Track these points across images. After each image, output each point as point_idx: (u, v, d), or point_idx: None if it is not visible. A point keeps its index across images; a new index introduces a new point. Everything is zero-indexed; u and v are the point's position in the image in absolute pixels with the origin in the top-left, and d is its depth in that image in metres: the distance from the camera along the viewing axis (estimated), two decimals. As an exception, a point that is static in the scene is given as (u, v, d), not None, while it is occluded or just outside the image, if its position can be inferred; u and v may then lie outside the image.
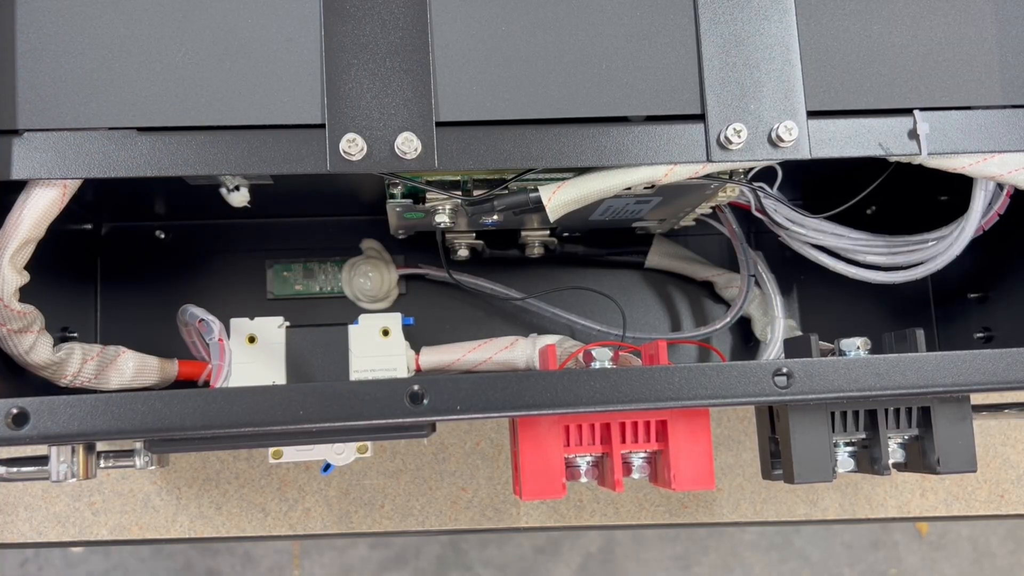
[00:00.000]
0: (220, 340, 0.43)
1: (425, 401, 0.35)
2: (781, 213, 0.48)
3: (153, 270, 0.56)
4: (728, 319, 0.53)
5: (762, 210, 0.48)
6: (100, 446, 0.43)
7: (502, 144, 0.39)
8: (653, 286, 0.59)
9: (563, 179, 0.42)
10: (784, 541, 1.26)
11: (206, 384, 0.48)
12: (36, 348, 0.41)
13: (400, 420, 0.35)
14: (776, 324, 0.52)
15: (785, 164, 0.43)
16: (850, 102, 0.40)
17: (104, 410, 0.34)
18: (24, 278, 0.39)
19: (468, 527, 0.60)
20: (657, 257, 0.57)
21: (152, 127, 0.38)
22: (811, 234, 0.49)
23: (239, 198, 0.46)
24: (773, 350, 0.52)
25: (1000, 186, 0.46)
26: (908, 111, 0.40)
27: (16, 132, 0.37)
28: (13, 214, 0.38)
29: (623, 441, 0.41)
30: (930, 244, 0.48)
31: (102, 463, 0.43)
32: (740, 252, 0.52)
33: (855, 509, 0.62)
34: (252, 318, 0.47)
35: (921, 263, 0.48)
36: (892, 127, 0.40)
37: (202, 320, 0.43)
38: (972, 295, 0.54)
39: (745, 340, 0.58)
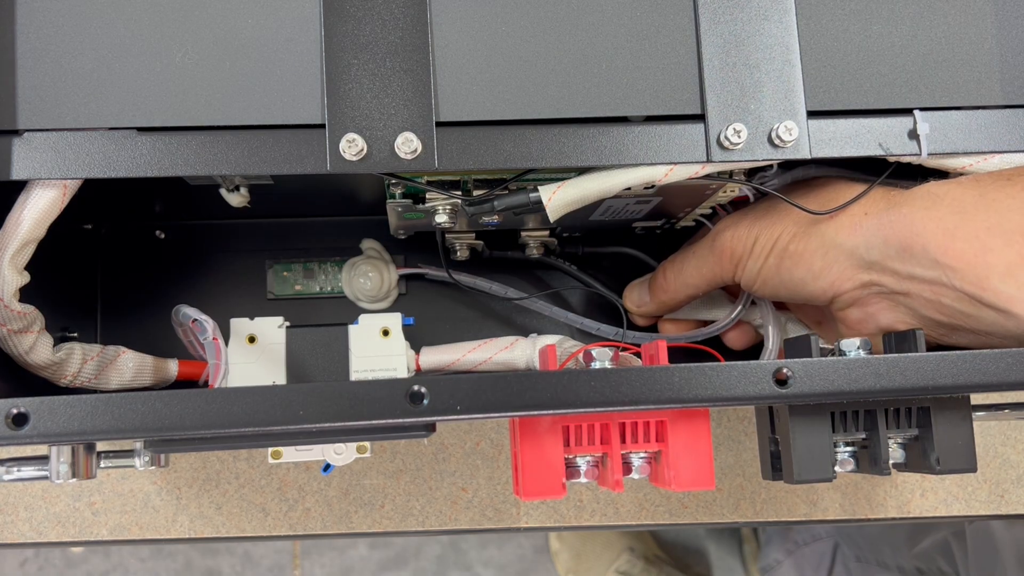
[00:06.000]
0: (215, 339, 0.43)
1: (425, 401, 0.35)
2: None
3: (153, 270, 0.56)
4: (728, 320, 0.53)
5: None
6: (100, 446, 0.43)
7: (502, 144, 0.39)
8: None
9: (563, 179, 0.42)
10: (784, 541, 1.26)
11: (206, 384, 0.48)
12: (36, 348, 0.41)
13: (400, 420, 0.34)
14: (775, 324, 0.52)
15: (785, 164, 0.43)
16: (850, 102, 0.40)
17: (104, 410, 0.34)
18: (24, 278, 0.39)
19: (468, 527, 0.60)
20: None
21: (152, 127, 0.38)
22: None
23: (239, 198, 0.46)
24: (773, 350, 0.52)
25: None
26: (908, 111, 0.40)
27: (16, 132, 0.37)
28: (13, 214, 0.38)
29: (623, 441, 0.41)
30: None
31: (102, 463, 0.43)
32: None
33: (855, 509, 0.62)
34: (252, 318, 0.47)
35: None
36: (892, 127, 0.40)
37: (195, 320, 0.43)
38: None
39: (745, 340, 0.58)
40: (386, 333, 0.48)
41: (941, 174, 0.43)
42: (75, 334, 0.51)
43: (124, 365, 0.46)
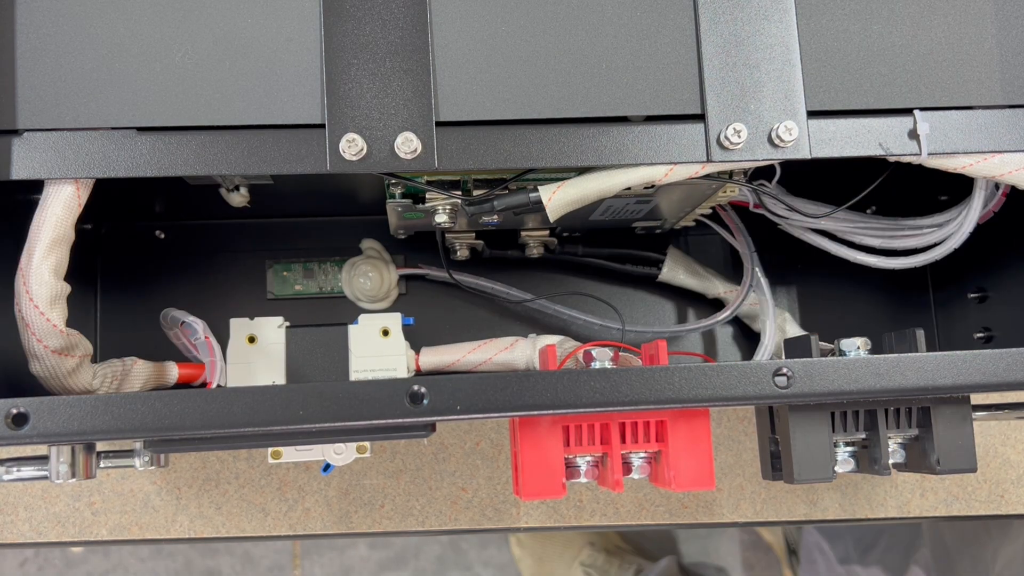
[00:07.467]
0: (207, 338, 0.43)
1: (425, 401, 0.35)
2: (781, 205, 0.48)
3: (153, 270, 0.56)
4: (724, 316, 0.53)
5: (761, 206, 0.48)
6: (100, 446, 0.43)
7: (502, 144, 0.39)
8: (652, 286, 0.59)
9: (563, 179, 0.42)
10: (784, 541, 1.26)
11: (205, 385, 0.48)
12: (77, 374, 0.39)
13: (400, 420, 0.35)
14: (770, 324, 0.52)
15: (785, 163, 0.43)
16: (850, 102, 0.40)
17: (104, 410, 0.34)
18: (65, 288, 0.38)
19: (468, 527, 0.60)
20: (671, 272, 0.57)
21: (152, 127, 0.38)
22: (810, 220, 0.49)
23: (239, 198, 0.46)
24: (769, 345, 0.52)
25: (996, 185, 0.46)
26: (908, 111, 0.40)
27: (16, 132, 0.37)
28: (36, 218, 0.38)
29: (623, 441, 0.41)
30: (929, 231, 0.48)
31: (102, 463, 0.43)
32: (747, 260, 0.52)
33: (855, 509, 0.62)
34: (252, 318, 0.47)
35: (921, 249, 0.47)
36: (892, 127, 0.40)
37: (184, 323, 0.43)
38: (972, 295, 0.54)
39: (747, 336, 0.58)
40: (386, 333, 0.48)
41: (941, 174, 0.43)
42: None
43: (137, 375, 0.45)
